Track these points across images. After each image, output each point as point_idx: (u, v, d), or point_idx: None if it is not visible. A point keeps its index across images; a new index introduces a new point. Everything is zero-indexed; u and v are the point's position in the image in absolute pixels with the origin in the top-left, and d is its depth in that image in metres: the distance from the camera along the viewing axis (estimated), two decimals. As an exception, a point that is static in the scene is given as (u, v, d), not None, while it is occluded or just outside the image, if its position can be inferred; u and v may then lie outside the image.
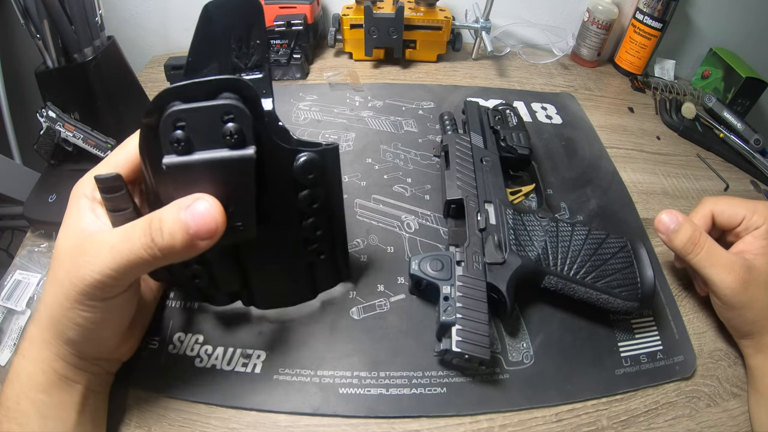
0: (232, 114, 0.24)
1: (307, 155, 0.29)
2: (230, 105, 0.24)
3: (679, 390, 0.36)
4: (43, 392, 0.27)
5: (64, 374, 0.28)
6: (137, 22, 0.73)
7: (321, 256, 0.33)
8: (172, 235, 0.24)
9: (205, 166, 0.24)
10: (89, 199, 0.28)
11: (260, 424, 0.32)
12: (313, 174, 0.29)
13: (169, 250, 0.24)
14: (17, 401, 0.26)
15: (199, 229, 0.24)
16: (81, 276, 0.24)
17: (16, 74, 0.71)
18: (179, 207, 0.24)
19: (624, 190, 0.51)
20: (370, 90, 0.62)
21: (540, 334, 0.38)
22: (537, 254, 0.37)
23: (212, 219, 0.24)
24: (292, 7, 0.63)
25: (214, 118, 0.24)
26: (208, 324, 0.36)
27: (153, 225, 0.24)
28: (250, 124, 0.24)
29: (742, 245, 0.37)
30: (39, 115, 0.42)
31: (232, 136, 0.24)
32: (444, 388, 0.34)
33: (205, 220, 0.24)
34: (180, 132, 0.24)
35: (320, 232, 0.32)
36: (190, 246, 0.24)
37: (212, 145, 0.24)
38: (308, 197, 0.30)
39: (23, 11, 0.39)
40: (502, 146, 0.47)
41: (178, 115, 0.23)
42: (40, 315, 0.27)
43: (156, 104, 0.24)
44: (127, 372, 0.33)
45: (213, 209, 0.24)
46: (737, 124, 0.61)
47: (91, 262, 0.24)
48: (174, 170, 0.24)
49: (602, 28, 0.69)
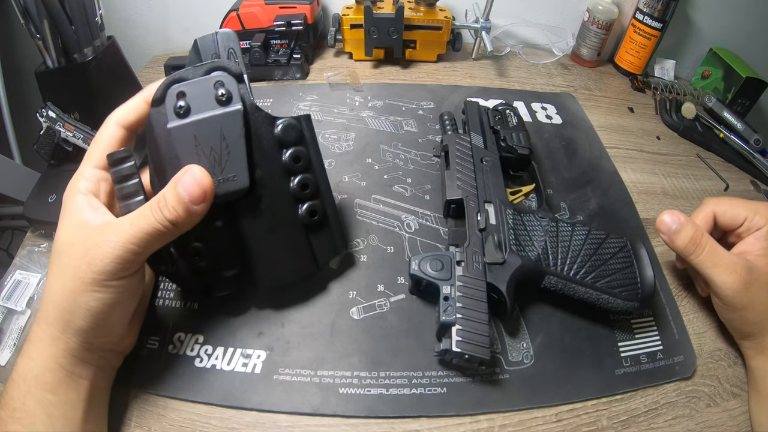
0: (223, 83, 0.31)
1: (285, 120, 0.35)
2: (220, 75, 0.31)
3: (679, 390, 0.36)
4: (50, 391, 0.27)
5: (71, 370, 0.28)
6: (137, 22, 0.73)
7: (314, 218, 0.36)
8: (174, 207, 0.28)
9: (203, 123, 0.30)
10: (84, 193, 0.29)
11: (260, 424, 0.32)
12: (293, 135, 0.35)
13: (176, 220, 0.28)
14: (23, 402, 0.26)
15: (191, 196, 0.28)
16: (102, 255, 0.26)
17: (16, 74, 0.71)
18: (175, 183, 0.28)
19: (624, 190, 0.51)
20: (370, 90, 0.62)
21: (540, 334, 0.38)
22: (537, 254, 0.37)
23: (199, 185, 0.28)
24: (292, 7, 0.63)
25: (209, 87, 0.31)
26: (208, 324, 0.36)
27: (160, 203, 0.28)
28: (236, 89, 0.31)
29: (743, 246, 0.37)
30: (39, 115, 0.42)
31: (223, 96, 0.31)
32: (444, 388, 0.34)
33: (193, 187, 0.28)
34: (182, 102, 0.30)
35: (308, 191, 0.36)
36: (190, 212, 0.28)
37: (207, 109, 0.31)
38: (293, 155, 0.35)
39: (23, 11, 0.39)
40: (502, 146, 0.47)
41: (180, 89, 0.31)
42: (45, 313, 0.28)
43: (163, 87, 0.31)
44: (127, 372, 0.33)
45: (198, 176, 0.28)
46: (737, 124, 0.61)
47: (112, 240, 0.27)
48: (178, 131, 0.30)
49: (602, 28, 0.69)
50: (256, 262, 0.35)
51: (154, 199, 0.28)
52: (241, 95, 0.32)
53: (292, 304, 0.38)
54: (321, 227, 0.37)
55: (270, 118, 0.34)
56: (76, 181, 0.30)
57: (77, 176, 0.30)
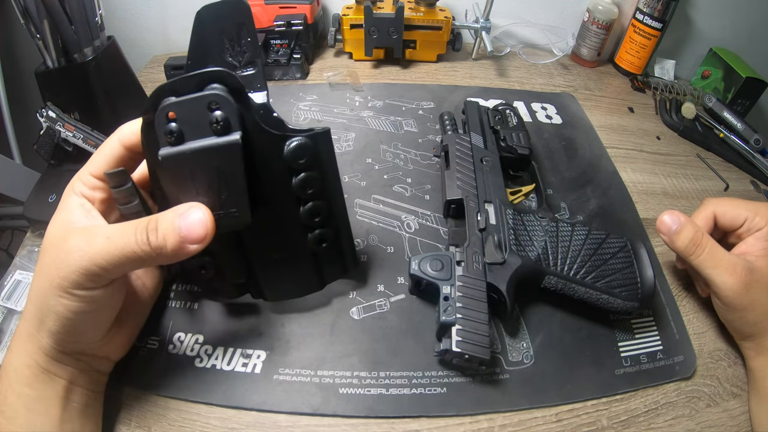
0: (218, 103, 0.25)
1: (298, 140, 0.29)
2: (214, 95, 0.25)
3: (679, 390, 0.36)
4: (28, 386, 0.27)
5: (46, 367, 0.28)
6: (137, 22, 0.72)
7: (323, 245, 0.33)
8: (165, 236, 0.26)
9: (196, 154, 0.26)
10: (78, 195, 0.29)
11: (260, 424, 0.32)
12: (305, 159, 0.29)
13: (160, 250, 0.26)
14: (5, 395, 0.27)
15: (189, 234, 0.26)
16: (68, 262, 0.25)
17: (16, 74, 0.71)
18: (176, 213, 0.26)
19: (624, 190, 0.51)
20: (370, 90, 0.62)
21: (540, 334, 0.38)
22: (537, 254, 0.37)
23: (203, 226, 0.26)
24: (292, 7, 0.63)
25: (202, 108, 0.26)
26: (208, 324, 0.36)
27: (150, 225, 0.26)
28: (234, 111, 0.26)
29: (744, 247, 0.37)
30: (39, 115, 0.42)
31: (218, 123, 0.25)
32: (444, 388, 0.34)
33: (196, 227, 0.26)
34: (173, 124, 0.25)
35: (318, 219, 0.32)
36: (180, 248, 0.26)
37: (202, 134, 0.26)
38: (302, 182, 0.30)
39: (23, 11, 0.39)
40: (502, 146, 0.47)
41: (170, 108, 0.25)
42: (26, 309, 0.28)
43: (152, 100, 0.26)
44: (127, 372, 0.33)
45: (204, 218, 0.26)
46: (737, 124, 0.61)
47: (82, 249, 0.25)
48: (169, 161, 0.26)
49: (602, 28, 0.69)
50: (262, 279, 0.34)
51: (144, 220, 0.26)
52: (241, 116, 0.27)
53: (292, 304, 0.38)
54: (331, 252, 0.35)
55: (280, 138, 0.29)
56: (74, 183, 0.30)
57: (76, 178, 0.30)
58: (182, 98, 0.26)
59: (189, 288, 0.38)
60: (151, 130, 0.27)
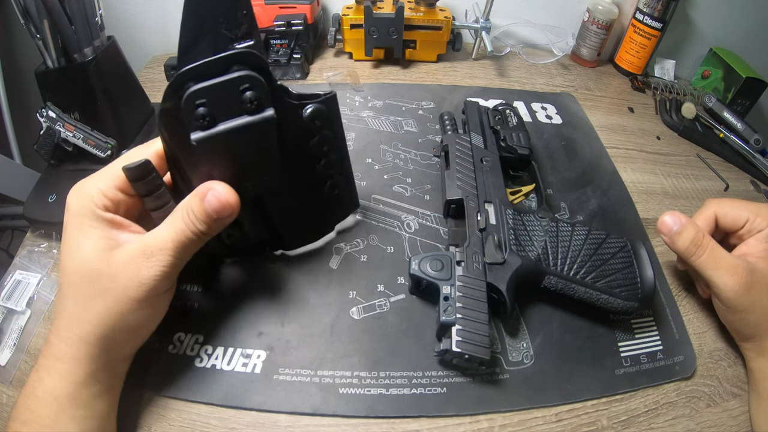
0: (248, 83, 0.26)
1: (313, 106, 0.32)
2: (246, 76, 0.26)
3: (679, 390, 0.36)
4: (84, 407, 0.27)
5: (106, 382, 0.29)
6: (137, 22, 0.72)
7: (336, 191, 0.38)
8: (202, 221, 0.29)
9: (232, 134, 0.27)
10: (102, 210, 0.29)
11: (260, 424, 0.32)
12: (319, 120, 0.33)
13: (207, 231, 0.29)
14: (55, 419, 0.26)
15: (217, 213, 0.29)
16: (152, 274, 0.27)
17: (16, 74, 0.71)
18: (199, 197, 0.29)
19: (624, 190, 0.51)
20: (370, 90, 0.62)
21: (540, 334, 0.38)
22: (537, 254, 0.37)
23: (225, 203, 0.29)
24: (292, 7, 0.63)
25: (233, 90, 0.26)
26: (208, 324, 0.36)
27: (189, 215, 0.28)
28: (266, 89, 0.27)
29: (745, 248, 0.37)
30: (39, 115, 0.42)
31: (252, 102, 0.27)
32: (444, 388, 0.34)
33: (220, 205, 0.29)
34: (202, 109, 0.26)
35: (332, 171, 0.36)
36: (219, 223, 0.29)
37: (234, 114, 0.27)
38: (319, 141, 0.34)
39: (23, 11, 0.39)
40: (502, 146, 0.47)
41: (198, 93, 0.26)
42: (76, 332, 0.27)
43: (173, 88, 0.26)
44: (128, 372, 0.33)
45: (222, 195, 0.29)
46: (737, 124, 0.61)
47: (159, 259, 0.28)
48: (203, 144, 0.27)
49: (602, 28, 0.69)
50: (282, 232, 0.38)
51: (182, 210, 0.29)
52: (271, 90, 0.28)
53: (292, 304, 0.38)
54: (341, 196, 0.39)
55: (296, 106, 0.32)
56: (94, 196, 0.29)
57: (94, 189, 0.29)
58: (212, 82, 0.26)
59: (189, 288, 0.38)
60: (172, 116, 0.27)
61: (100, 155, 0.43)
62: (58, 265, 0.29)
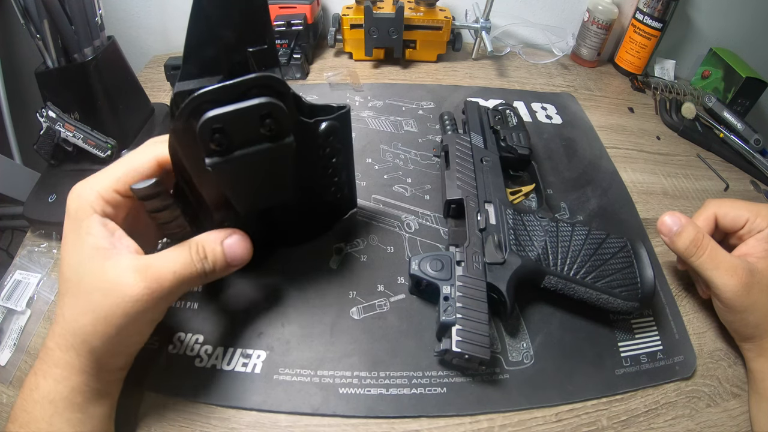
0: (268, 110, 0.25)
1: (327, 122, 0.32)
2: (267, 104, 0.25)
3: (679, 390, 0.36)
4: (80, 411, 0.27)
5: (100, 388, 0.28)
6: (137, 22, 0.72)
7: (338, 195, 0.39)
8: (214, 263, 0.29)
9: (247, 160, 0.27)
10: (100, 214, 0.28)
11: (260, 424, 0.32)
12: (333, 136, 0.33)
13: (212, 274, 0.30)
14: (50, 422, 0.26)
15: (233, 259, 0.30)
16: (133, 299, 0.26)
17: (16, 74, 0.71)
18: (218, 240, 0.30)
19: (624, 190, 0.51)
20: (370, 90, 0.62)
21: (540, 334, 0.38)
22: (537, 254, 0.37)
23: (243, 251, 0.31)
24: (292, 7, 0.63)
25: (252, 117, 0.25)
26: (208, 324, 0.36)
27: (200, 253, 0.29)
28: (287, 116, 0.26)
29: (744, 248, 0.37)
30: (39, 115, 0.42)
31: (272, 130, 0.26)
32: (444, 388, 0.34)
33: (238, 253, 0.30)
34: (219, 135, 0.25)
35: (338, 179, 0.37)
36: (227, 269, 0.30)
37: (252, 140, 0.26)
38: (330, 154, 0.34)
39: (23, 11, 0.39)
40: (502, 146, 0.47)
41: (216, 119, 0.24)
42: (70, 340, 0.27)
43: (190, 109, 0.24)
44: (128, 372, 0.33)
45: (242, 243, 0.31)
46: (737, 124, 0.61)
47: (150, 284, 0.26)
48: (218, 169, 0.26)
49: (602, 28, 0.69)
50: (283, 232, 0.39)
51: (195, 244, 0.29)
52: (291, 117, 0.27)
53: (292, 304, 0.38)
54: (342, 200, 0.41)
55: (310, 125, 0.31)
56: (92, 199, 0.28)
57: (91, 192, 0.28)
58: (231, 109, 0.24)
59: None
60: (185, 136, 0.25)
61: (100, 155, 0.43)
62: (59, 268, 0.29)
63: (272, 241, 0.40)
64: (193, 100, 0.24)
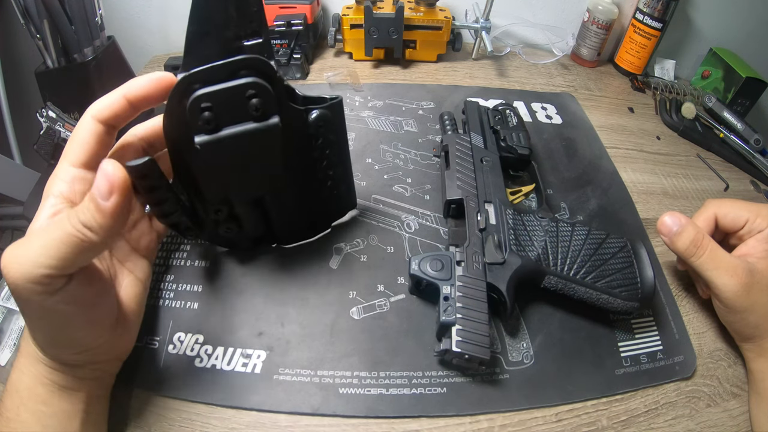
0: (255, 90, 0.26)
1: (318, 111, 0.33)
2: (253, 83, 0.26)
3: (679, 390, 0.36)
4: (43, 403, 0.27)
5: (61, 384, 0.27)
6: (137, 22, 0.72)
7: (335, 191, 0.39)
8: (87, 207, 0.23)
9: (235, 139, 0.27)
10: (55, 195, 0.26)
11: (260, 424, 0.32)
12: (324, 126, 0.33)
13: (90, 223, 0.23)
14: (17, 412, 0.26)
15: (98, 191, 0.23)
16: (17, 275, 0.22)
17: (16, 74, 0.71)
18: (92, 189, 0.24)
19: (624, 190, 0.51)
20: (370, 90, 0.62)
21: (540, 334, 0.38)
22: (537, 254, 0.37)
23: (106, 179, 0.23)
24: (292, 7, 0.63)
25: (239, 95, 0.26)
26: (208, 324, 0.36)
27: (77, 209, 0.23)
28: (273, 98, 0.27)
29: (745, 248, 0.37)
30: (39, 115, 0.42)
31: (257, 110, 0.27)
32: (444, 388, 0.34)
33: (100, 182, 0.23)
34: (208, 113, 0.26)
35: (332, 172, 0.37)
36: (102, 210, 0.23)
37: (239, 119, 0.27)
38: (322, 144, 0.34)
39: (23, 11, 0.39)
40: (502, 146, 0.47)
41: (204, 97, 0.26)
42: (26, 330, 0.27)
43: (181, 89, 0.26)
44: (127, 372, 0.33)
45: (104, 170, 0.23)
46: (737, 124, 0.61)
47: (21, 256, 0.23)
48: (207, 147, 0.27)
49: (602, 28, 0.69)
50: (278, 228, 0.38)
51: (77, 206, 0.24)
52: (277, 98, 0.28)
53: (292, 304, 0.38)
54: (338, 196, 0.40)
55: (301, 112, 0.32)
56: (50, 184, 0.27)
57: (52, 178, 0.27)
58: (218, 87, 0.26)
59: (189, 288, 0.38)
60: (176, 116, 0.27)
61: (100, 155, 0.43)
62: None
63: (271, 240, 0.40)
64: (185, 79, 0.26)
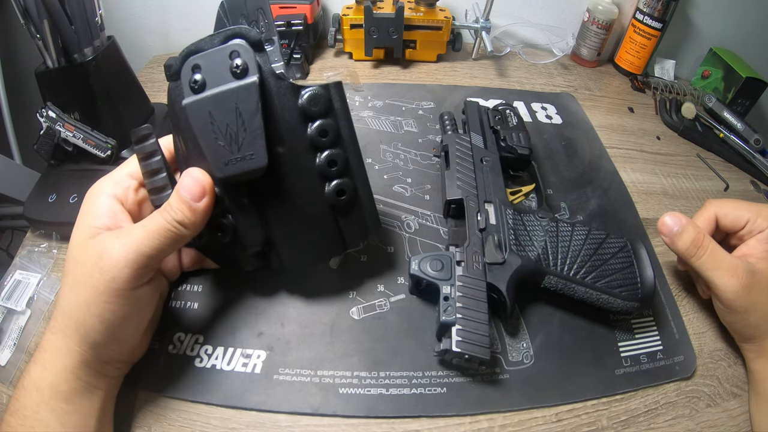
0: (238, 51, 0.29)
1: (312, 89, 0.32)
2: (235, 44, 0.29)
3: (679, 390, 0.36)
4: (65, 401, 0.27)
5: (87, 381, 0.28)
6: (137, 22, 0.72)
7: (342, 197, 0.34)
8: (179, 208, 0.29)
9: (217, 98, 0.29)
10: (109, 196, 0.30)
11: (260, 424, 0.32)
12: (319, 106, 0.32)
13: (183, 220, 0.29)
14: (36, 410, 0.26)
15: (191, 194, 0.29)
16: (114, 261, 0.26)
17: (16, 74, 0.71)
18: (177, 188, 0.29)
19: (624, 190, 0.51)
20: (370, 90, 0.62)
21: (540, 334, 0.38)
22: (537, 254, 0.37)
23: (197, 183, 0.29)
24: (292, 7, 0.63)
25: (224, 58, 0.29)
26: (208, 324, 0.36)
27: (167, 206, 0.29)
28: (252, 58, 0.29)
29: (745, 249, 0.37)
30: (39, 115, 0.42)
31: (237, 67, 0.28)
32: (444, 388, 0.34)
33: (192, 186, 0.29)
34: (197, 75, 0.28)
35: (336, 169, 0.33)
36: (194, 209, 0.29)
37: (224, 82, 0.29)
38: (318, 129, 0.32)
39: (23, 11, 0.39)
40: (502, 146, 0.47)
41: (195, 61, 0.29)
42: (60, 324, 0.27)
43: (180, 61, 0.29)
44: (128, 372, 0.33)
45: (196, 176, 0.30)
46: (737, 124, 0.61)
47: (125, 244, 0.27)
48: (193, 108, 0.29)
49: (602, 28, 0.69)
50: (280, 241, 0.34)
51: (162, 207, 0.29)
52: (258, 64, 0.29)
53: (292, 304, 0.38)
54: (351, 206, 0.35)
55: (294, 87, 0.31)
56: (104, 183, 0.30)
57: (107, 178, 0.31)
58: (207, 51, 0.29)
59: (189, 288, 0.38)
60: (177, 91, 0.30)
61: (100, 155, 0.43)
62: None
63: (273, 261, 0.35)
64: (183, 51, 0.29)
